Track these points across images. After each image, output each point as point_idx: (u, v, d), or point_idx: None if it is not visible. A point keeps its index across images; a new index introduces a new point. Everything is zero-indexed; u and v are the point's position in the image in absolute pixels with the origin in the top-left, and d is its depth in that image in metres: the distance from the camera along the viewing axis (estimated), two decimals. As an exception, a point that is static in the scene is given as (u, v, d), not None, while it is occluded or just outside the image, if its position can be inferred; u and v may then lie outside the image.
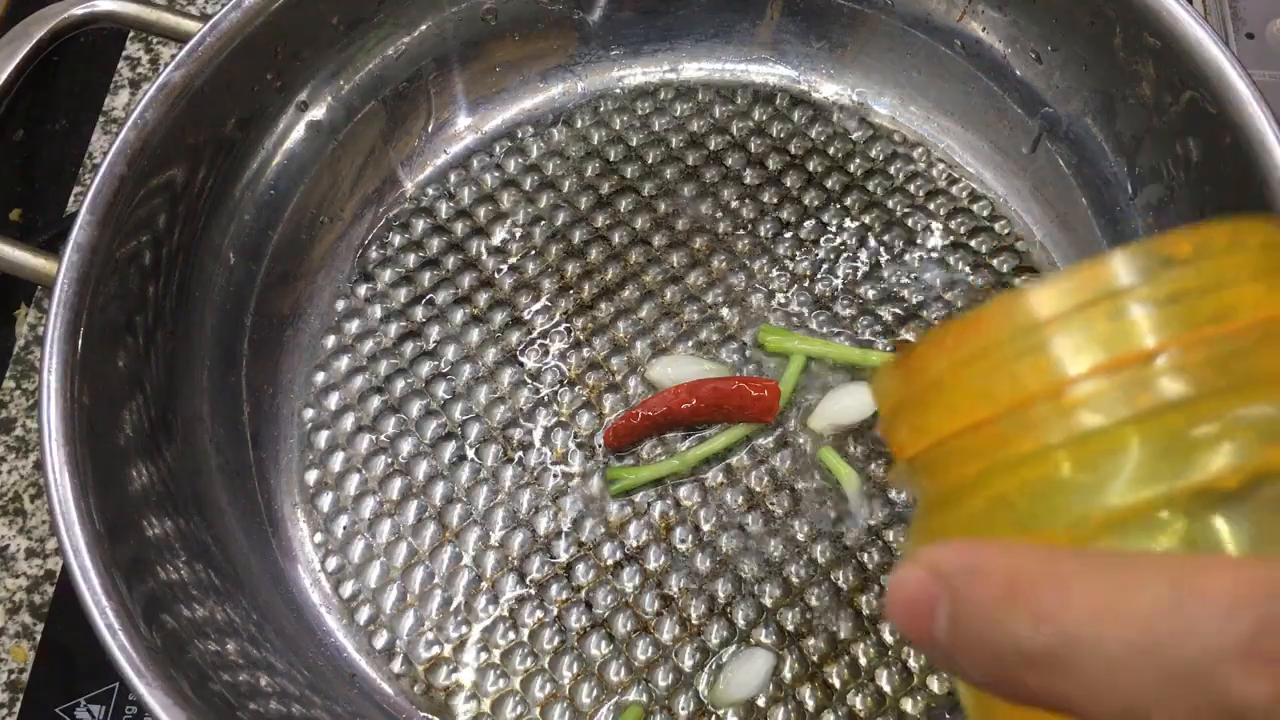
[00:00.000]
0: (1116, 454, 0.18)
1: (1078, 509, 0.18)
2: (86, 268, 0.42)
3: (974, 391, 0.19)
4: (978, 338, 0.19)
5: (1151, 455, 0.18)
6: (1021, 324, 0.19)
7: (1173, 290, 0.18)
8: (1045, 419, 0.18)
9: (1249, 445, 0.17)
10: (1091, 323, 0.18)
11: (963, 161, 0.55)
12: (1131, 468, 0.18)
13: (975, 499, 0.19)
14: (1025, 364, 0.19)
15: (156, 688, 0.36)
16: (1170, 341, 0.18)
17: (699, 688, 0.44)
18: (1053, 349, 0.19)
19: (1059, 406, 0.18)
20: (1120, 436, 0.18)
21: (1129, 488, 0.17)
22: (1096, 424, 0.18)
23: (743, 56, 0.58)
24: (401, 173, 0.56)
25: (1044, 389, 0.18)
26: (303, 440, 0.50)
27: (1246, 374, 0.18)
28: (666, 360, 0.50)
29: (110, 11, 0.49)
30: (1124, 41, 0.48)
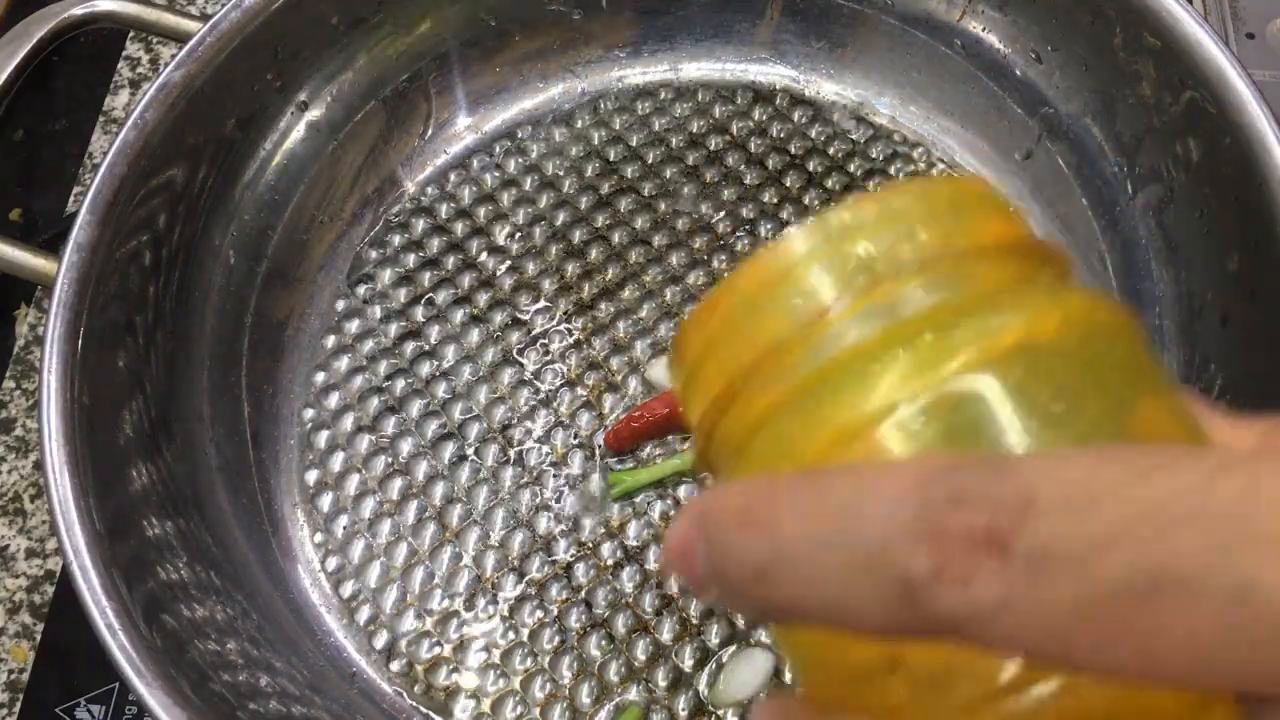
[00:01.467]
0: (868, 365, 0.19)
1: (834, 422, 0.19)
2: (86, 268, 0.42)
3: (738, 340, 0.21)
4: (737, 293, 0.21)
5: (896, 360, 0.19)
6: (772, 272, 0.21)
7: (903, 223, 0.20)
8: (802, 351, 0.20)
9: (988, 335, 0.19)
10: (834, 260, 0.20)
11: (963, 161, 0.55)
12: (880, 374, 0.19)
13: (754, 442, 0.20)
14: (778, 304, 0.20)
15: (156, 688, 0.36)
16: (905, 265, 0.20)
17: (699, 688, 0.44)
18: (802, 287, 0.20)
19: (813, 337, 0.20)
20: (869, 351, 0.19)
21: (879, 391, 0.19)
22: (847, 345, 0.19)
23: (743, 56, 0.58)
24: (401, 173, 0.56)
25: (798, 323, 0.20)
26: (303, 440, 0.50)
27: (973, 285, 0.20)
28: (667, 360, 0.50)
29: (110, 11, 0.49)
30: (1124, 41, 0.48)
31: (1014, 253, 0.21)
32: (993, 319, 0.19)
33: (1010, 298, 0.20)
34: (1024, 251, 0.21)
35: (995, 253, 0.21)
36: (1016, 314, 0.19)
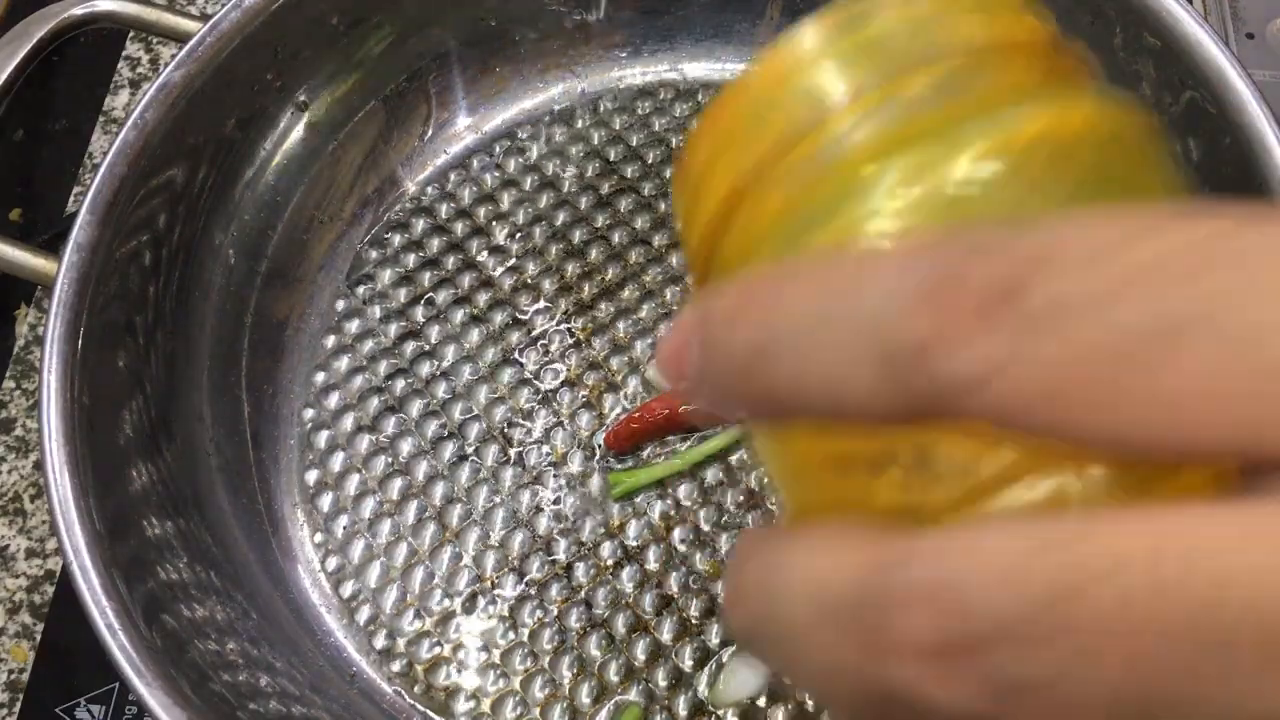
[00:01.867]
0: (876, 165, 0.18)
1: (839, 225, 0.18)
2: (86, 268, 0.42)
3: (740, 148, 0.19)
4: (736, 99, 0.20)
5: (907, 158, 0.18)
6: (781, 70, 0.19)
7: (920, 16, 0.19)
8: (810, 153, 0.19)
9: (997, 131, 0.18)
10: (847, 55, 0.19)
11: (963, 161, 0.55)
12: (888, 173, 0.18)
13: (759, 248, 0.19)
14: (787, 103, 0.19)
15: (156, 688, 0.36)
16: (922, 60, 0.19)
17: (699, 688, 0.44)
18: (813, 85, 0.19)
19: (822, 137, 0.19)
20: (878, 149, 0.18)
21: (885, 190, 0.18)
22: (856, 144, 0.18)
23: (743, 56, 0.58)
24: (401, 173, 0.56)
25: (808, 123, 0.19)
26: (303, 440, 0.50)
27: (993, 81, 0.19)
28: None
29: (110, 11, 0.48)
30: (1124, 41, 0.48)
31: (1036, 56, 0.20)
32: (1006, 118, 0.18)
33: (1027, 98, 0.19)
34: (1046, 55, 0.20)
35: (1016, 55, 0.19)
36: (1032, 113, 0.18)
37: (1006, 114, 0.18)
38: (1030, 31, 0.20)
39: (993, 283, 0.13)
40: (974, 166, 0.17)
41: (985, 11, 0.20)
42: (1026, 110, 0.18)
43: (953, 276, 0.14)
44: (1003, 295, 0.13)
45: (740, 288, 0.16)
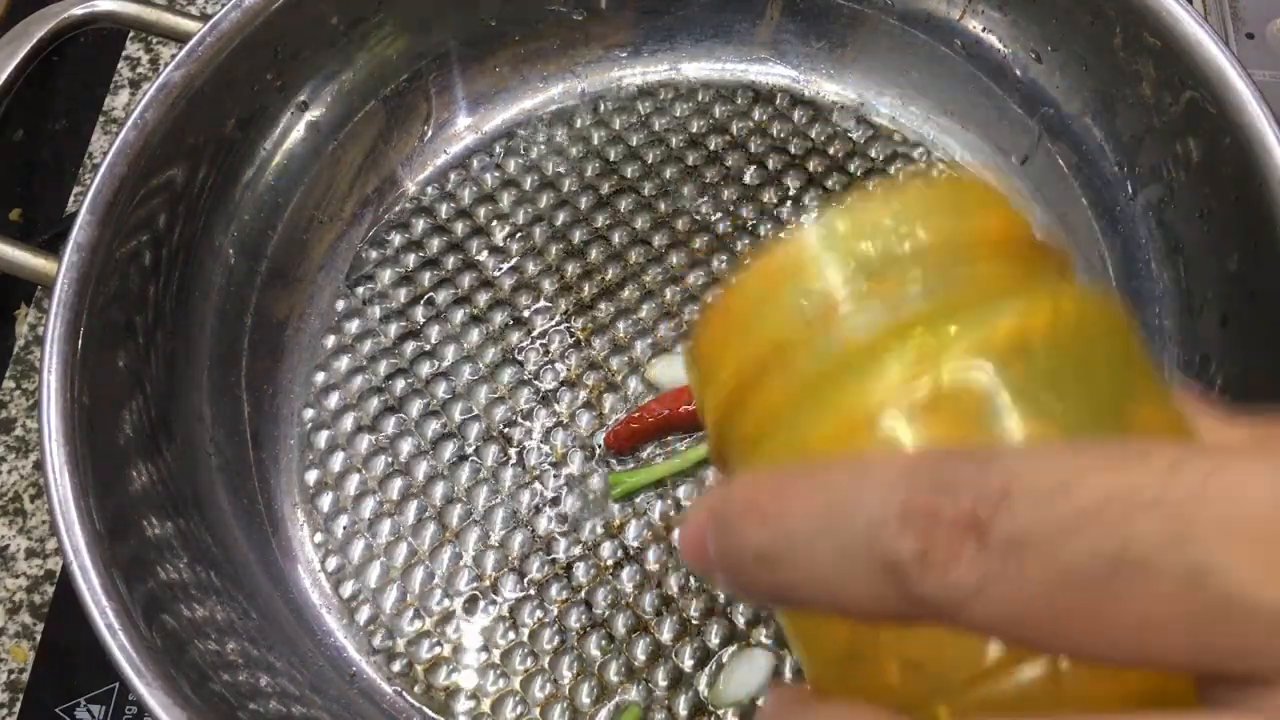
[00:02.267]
0: (872, 358, 0.20)
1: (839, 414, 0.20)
2: (86, 268, 0.42)
3: (746, 342, 0.21)
4: (746, 292, 0.22)
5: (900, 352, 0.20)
6: (779, 269, 0.21)
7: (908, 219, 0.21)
8: (809, 347, 0.21)
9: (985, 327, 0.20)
10: (840, 256, 0.21)
11: (963, 161, 0.55)
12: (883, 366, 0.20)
13: (766, 437, 0.21)
14: (785, 301, 0.21)
15: (156, 688, 0.36)
16: (911, 260, 0.21)
17: (699, 688, 0.44)
18: (809, 284, 0.21)
19: (819, 332, 0.21)
20: (870, 346, 0.20)
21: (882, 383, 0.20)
22: (852, 339, 0.20)
23: (743, 56, 0.58)
24: (401, 173, 0.56)
25: (806, 319, 0.21)
26: (303, 440, 0.50)
27: (974, 279, 0.21)
28: (667, 360, 0.51)
29: (110, 11, 0.49)
30: (1124, 41, 0.48)
31: (1013, 251, 0.22)
32: (988, 313, 0.20)
33: (1006, 294, 0.20)
34: (1023, 250, 0.22)
35: (994, 251, 0.21)
36: (1011, 308, 0.20)
37: (987, 310, 0.20)
38: (1008, 227, 0.22)
39: (964, 514, 0.16)
40: (960, 363, 0.19)
41: (966, 212, 0.22)
42: (1004, 306, 0.20)
43: (930, 502, 0.16)
44: (972, 526, 0.16)
45: (749, 488, 0.19)
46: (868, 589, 0.17)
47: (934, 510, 0.16)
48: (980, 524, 0.16)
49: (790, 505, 0.18)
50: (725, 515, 0.19)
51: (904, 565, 0.16)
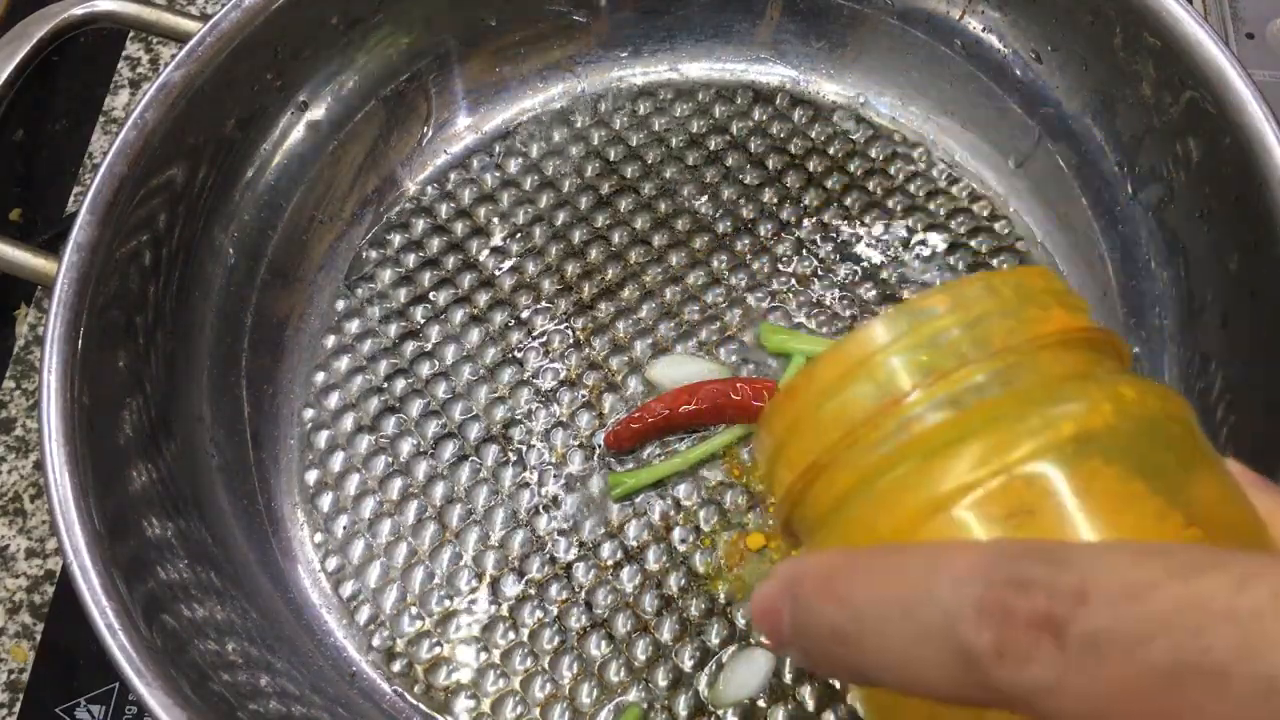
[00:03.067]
0: (942, 450, 0.21)
1: (911, 502, 0.21)
2: (86, 268, 0.42)
3: (822, 422, 0.23)
4: (820, 379, 0.23)
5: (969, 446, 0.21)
6: (852, 360, 0.23)
7: (972, 316, 0.22)
8: (881, 434, 0.22)
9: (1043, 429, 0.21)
10: (909, 351, 0.22)
11: (963, 161, 0.55)
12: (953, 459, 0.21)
13: (838, 514, 0.23)
14: (858, 391, 0.22)
15: (156, 688, 0.36)
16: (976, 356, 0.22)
17: (699, 688, 0.44)
18: (880, 376, 0.22)
19: (891, 421, 0.22)
20: (944, 435, 0.21)
21: (953, 475, 0.21)
22: (923, 430, 0.21)
23: (743, 56, 0.58)
24: (401, 172, 0.56)
25: (877, 409, 0.22)
26: (303, 440, 0.50)
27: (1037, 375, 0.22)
28: (666, 360, 0.51)
29: (110, 11, 0.49)
30: (1124, 41, 0.48)
31: (1074, 343, 0.23)
32: (1053, 409, 0.21)
33: (1069, 389, 0.21)
34: (1084, 342, 0.23)
35: (1056, 344, 0.23)
36: (1075, 401, 0.21)
37: (1052, 402, 0.21)
38: (1069, 317, 0.23)
39: (1041, 612, 0.17)
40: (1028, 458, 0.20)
41: (1029, 311, 0.23)
42: (1069, 398, 0.21)
43: (1007, 597, 0.17)
44: (1049, 625, 0.16)
45: (824, 566, 0.20)
46: (942, 672, 0.17)
47: (1010, 606, 0.17)
48: (1056, 622, 0.16)
49: (866, 588, 0.19)
50: (801, 592, 0.20)
51: (980, 656, 0.17)
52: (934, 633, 0.17)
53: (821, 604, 0.19)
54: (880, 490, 0.22)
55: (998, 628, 0.17)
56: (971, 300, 0.23)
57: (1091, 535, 0.20)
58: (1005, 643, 0.17)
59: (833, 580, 0.19)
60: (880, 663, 0.18)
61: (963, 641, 0.17)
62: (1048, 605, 0.16)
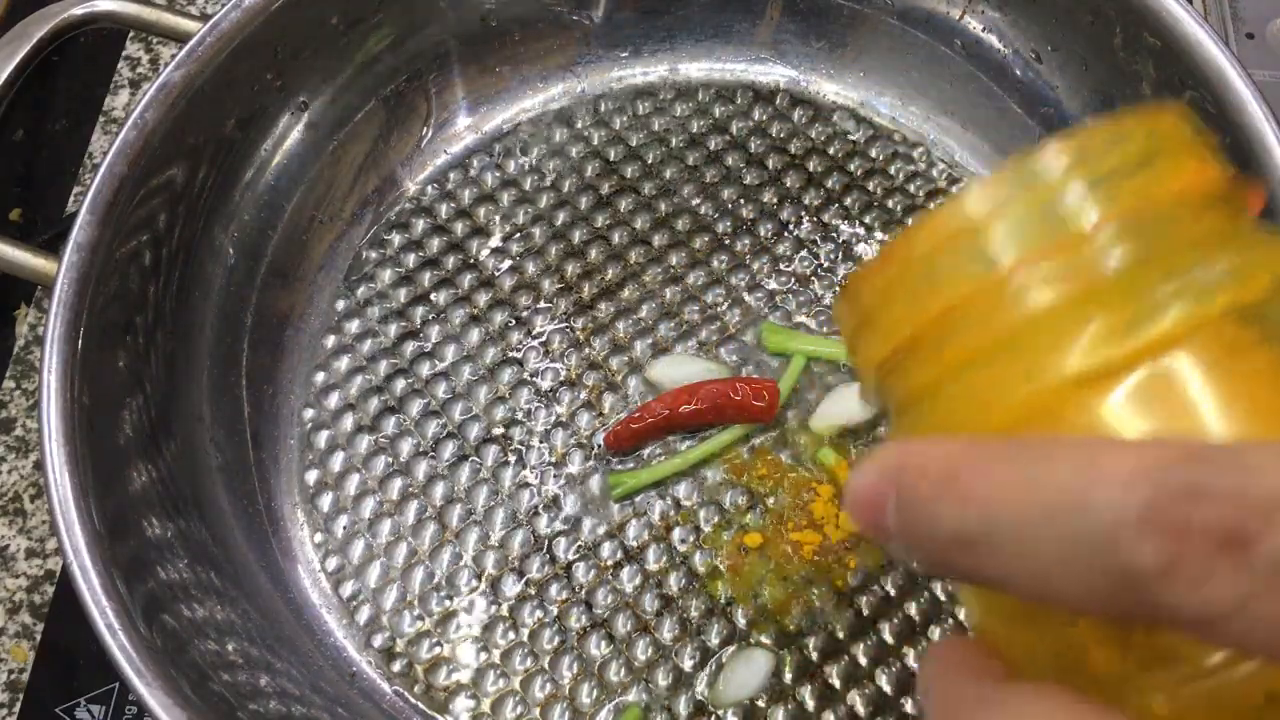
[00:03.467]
0: (1066, 324, 0.19)
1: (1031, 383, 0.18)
2: (86, 268, 0.42)
3: (921, 293, 0.20)
4: (918, 245, 0.20)
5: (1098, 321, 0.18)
6: (956, 226, 0.20)
7: (1096, 173, 0.19)
8: (992, 307, 0.19)
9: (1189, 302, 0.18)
10: (1023, 214, 0.19)
11: (963, 161, 0.55)
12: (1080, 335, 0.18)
13: (939, 393, 0.20)
14: (965, 260, 0.20)
15: (156, 688, 0.36)
16: (1101, 220, 0.19)
17: (699, 688, 0.44)
18: (990, 243, 0.19)
19: (1004, 293, 0.19)
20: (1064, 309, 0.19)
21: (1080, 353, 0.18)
22: (1042, 302, 0.19)
23: (743, 56, 0.58)
24: (401, 173, 0.56)
25: (987, 280, 0.19)
26: (303, 440, 0.50)
27: (1175, 240, 0.19)
28: (666, 360, 0.51)
29: (110, 11, 0.49)
30: (1124, 41, 0.48)
31: (1210, 199, 0.20)
32: (1195, 280, 0.18)
33: (1216, 254, 0.19)
34: (1219, 196, 0.20)
35: (1190, 200, 0.20)
36: (1224, 273, 0.18)
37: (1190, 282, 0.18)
38: (1204, 174, 0.20)
39: (1224, 526, 0.14)
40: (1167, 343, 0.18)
41: (1156, 162, 0.20)
42: (1214, 271, 0.18)
43: (1181, 508, 0.15)
44: (1234, 541, 0.14)
45: (949, 457, 0.17)
46: (1093, 589, 0.15)
47: (1185, 517, 0.15)
48: (1242, 538, 0.14)
49: (1003, 489, 0.16)
50: (914, 486, 0.17)
51: (1146, 573, 0.15)
52: (1088, 546, 0.15)
53: (943, 504, 0.17)
54: (989, 372, 0.19)
55: (1169, 542, 0.15)
56: (1096, 153, 0.20)
57: (1256, 430, 0.17)
58: (1179, 559, 0.15)
59: (957, 476, 0.17)
60: (1016, 573, 0.16)
61: (1125, 556, 0.15)
62: (1231, 518, 0.14)
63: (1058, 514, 0.16)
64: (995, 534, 0.16)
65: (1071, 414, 0.18)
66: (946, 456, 0.17)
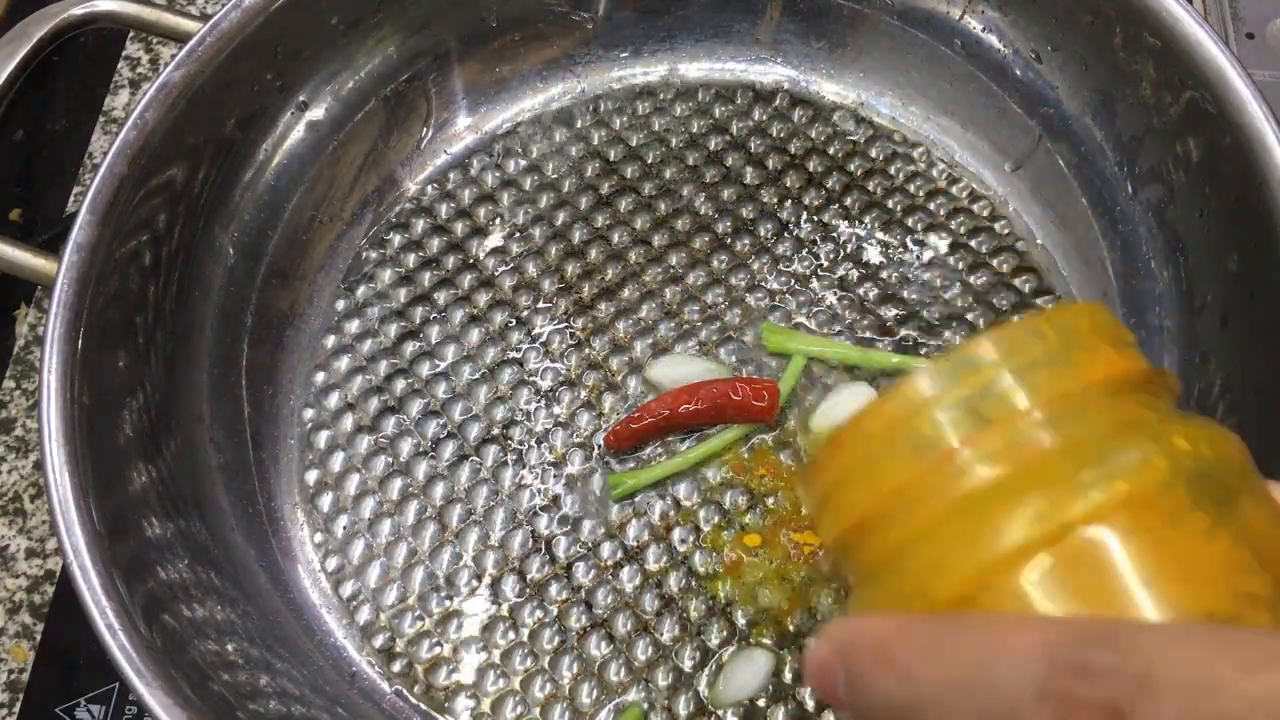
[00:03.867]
0: (999, 504, 0.21)
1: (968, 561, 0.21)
2: (86, 268, 0.42)
3: (872, 475, 0.23)
4: (868, 429, 0.23)
5: (1028, 502, 0.20)
6: (902, 411, 0.22)
7: (1020, 365, 0.22)
8: (934, 488, 0.22)
9: (1110, 482, 0.20)
10: (958, 400, 0.22)
11: (963, 161, 0.55)
12: (1012, 515, 0.20)
13: (889, 568, 0.22)
14: (909, 443, 0.22)
15: (156, 688, 0.36)
16: (1029, 406, 0.22)
17: (699, 688, 0.44)
18: (930, 426, 0.22)
19: (943, 475, 0.22)
20: (996, 491, 0.21)
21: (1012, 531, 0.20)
22: (977, 483, 0.21)
23: (743, 56, 0.58)
24: (401, 172, 0.56)
25: (929, 462, 0.22)
26: (303, 440, 0.50)
27: (1094, 425, 0.22)
28: (666, 360, 0.50)
29: (110, 11, 0.49)
30: (1124, 41, 0.48)
31: (1125, 386, 0.22)
32: (1106, 466, 0.20)
33: (1122, 441, 0.21)
34: (1134, 383, 0.23)
35: (1107, 388, 0.22)
36: (1129, 460, 0.20)
37: (1108, 458, 0.20)
38: (1119, 361, 0.23)
39: (1105, 701, 0.16)
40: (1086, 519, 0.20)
41: (1077, 355, 0.22)
42: (1125, 454, 0.21)
43: (1069, 685, 0.17)
44: (1113, 715, 0.16)
45: (883, 634, 0.20)
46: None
47: (1073, 693, 0.16)
48: (1121, 713, 0.16)
49: (924, 664, 0.18)
50: (856, 658, 0.20)
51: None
52: (999, 713, 0.17)
53: (878, 676, 0.19)
54: (932, 549, 0.21)
55: (1059, 713, 0.16)
56: (1017, 346, 0.22)
57: (1149, 597, 0.19)
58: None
59: (889, 651, 0.19)
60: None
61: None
62: (1112, 694, 0.16)
63: (969, 687, 0.18)
64: (919, 704, 0.18)
65: (999, 594, 0.20)
66: (883, 632, 0.20)
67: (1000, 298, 0.52)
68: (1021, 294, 0.52)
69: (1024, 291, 0.52)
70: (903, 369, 0.50)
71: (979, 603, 0.20)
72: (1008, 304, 0.52)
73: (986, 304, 0.52)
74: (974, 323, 0.51)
